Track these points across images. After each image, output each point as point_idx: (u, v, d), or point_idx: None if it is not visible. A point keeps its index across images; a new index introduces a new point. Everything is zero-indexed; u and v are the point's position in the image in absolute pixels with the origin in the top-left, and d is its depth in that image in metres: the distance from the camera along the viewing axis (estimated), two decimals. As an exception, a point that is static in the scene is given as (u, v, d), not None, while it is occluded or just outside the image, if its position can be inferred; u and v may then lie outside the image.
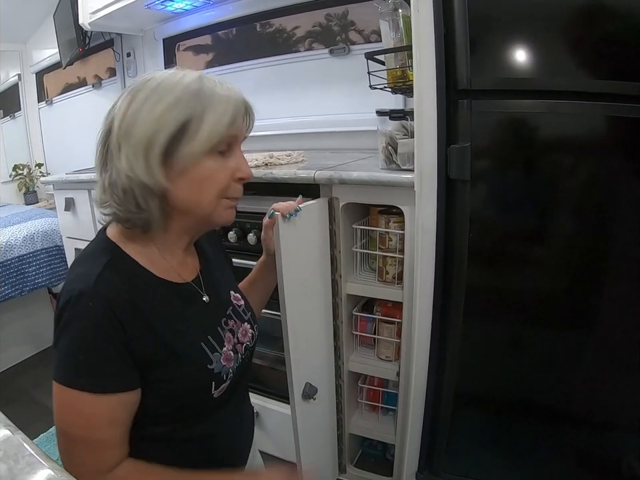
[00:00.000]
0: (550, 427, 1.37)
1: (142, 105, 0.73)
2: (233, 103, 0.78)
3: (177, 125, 0.73)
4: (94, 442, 0.73)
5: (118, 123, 0.74)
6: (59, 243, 2.80)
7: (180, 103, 0.73)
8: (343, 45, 2.20)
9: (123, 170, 0.74)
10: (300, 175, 1.45)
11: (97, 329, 0.71)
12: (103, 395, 0.72)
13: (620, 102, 1.05)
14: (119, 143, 0.74)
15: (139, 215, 0.76)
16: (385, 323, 1.56)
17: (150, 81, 0.75)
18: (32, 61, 3.85)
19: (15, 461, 0.52)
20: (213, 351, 0.86)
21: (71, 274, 0.78)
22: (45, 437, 2.24)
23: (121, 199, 0.75)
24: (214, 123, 0.75)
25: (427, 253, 1.30)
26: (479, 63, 1.13)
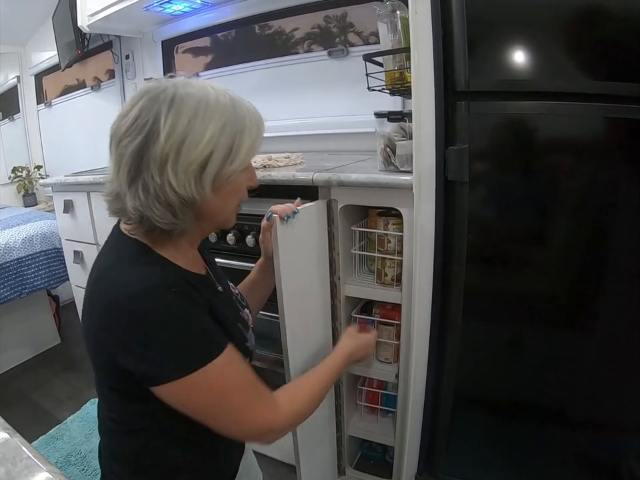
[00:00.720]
0: (549, 429, 1.37)
1: (190, 123, 0.75)
2: (261, 125, 0.85)
3: (227, 148, 0.79)
4: (256, 386, 0.85)
5: (165, 137, 0.74)
6: (57, 245, 2.79)
7: (227, 126, 0.78)
8: (342, 47, 2.20)
9: (167, 185, 0.76)
10: (298, 177, 1.45)
11: (190, 307, 0.77)
12: (226, 350, 0.80)
13: (618, 103, 1.04)
14: (164, 158, 0.75)
15: (176, 224, 0.80)
16: (383, 325, 1.55)
17: (185, 97, 0.76)
18: (31, 63, 3.86)
19: (13, 464, 0.53)
20: (247, 330, 0.98)
21: (114, 280, 0.77)
22: (43, 439, 2.24)
23: (161, 211, 0.77)
24: (250, 145, 0.82)
25: (426, 254, 1.30)
26: (477, 64, 1.13)
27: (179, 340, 0.75)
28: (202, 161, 0.76)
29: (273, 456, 1.98)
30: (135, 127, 0.75)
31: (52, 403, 2.58)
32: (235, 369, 0.81)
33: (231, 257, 1.66)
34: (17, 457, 0.54)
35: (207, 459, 0.94)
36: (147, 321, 0.73)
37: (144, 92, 0.78)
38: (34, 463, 0.53)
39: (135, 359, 0.74)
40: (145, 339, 0.73)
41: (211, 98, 0.78)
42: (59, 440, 2.23)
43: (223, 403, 0.80)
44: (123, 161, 0.76)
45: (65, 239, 2.54)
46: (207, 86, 0.80)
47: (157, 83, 0.79)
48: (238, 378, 0.82)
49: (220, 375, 0.78)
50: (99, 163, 2.85)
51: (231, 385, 0.80)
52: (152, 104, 0.76)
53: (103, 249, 0.88)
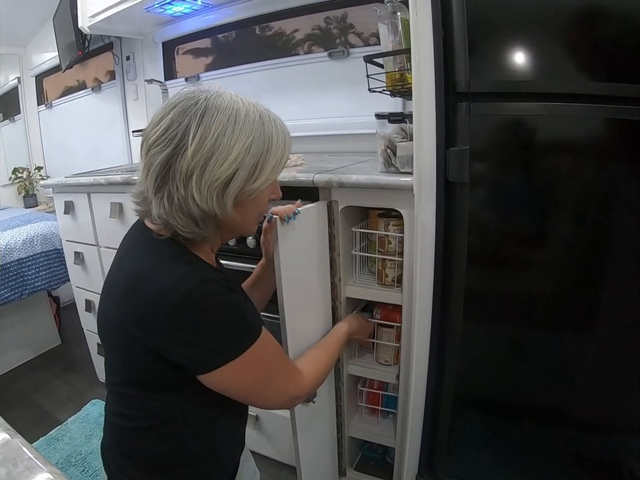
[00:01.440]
0: (550, 430, 1.36)
1: (217, 141, 0.78)
2: (287, 145, 0.89)
3: (252, 168, 0.82)
4: (285, 358, 1.00)
5: (192, 152, 0.77)
6: (58, 246, 2.80)
7: (253, 145, 0.81)
8: (342, 48, 2.20)
9: (190, 199, 0.79)
10: (299, 178, 1.45)
11: (235, 295, 0.85)
12: (263, 327, 0.89)
13: (619, 104, 1.04)
14: (190, 172, 0.78)
15: (198, 233, 0.83)
16: (384, 327, 1.55)
17: (215, 113, 0.79)
18: (31, 64, 3.86)
19: (14, 465, 0.53)
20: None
21: (161, 279, 0.79)
22: (44, 440, 2.24)
23: (184, 220, 0.81)
24: (275, 165, 0.86)
25: (426, 255, 1.30)
26: (477, 65, 1.13)
27: (233, 326, 0.82)
28: (225, 179, 0.79)
29: (273, 457, 1.98)
30: (165, 138, 0.78)
31: (52, 403, 2.58)
32: (272, 344, 0.91)
33: (232, 258, 1.66)
34: (18, 458, 0.54)
35: (213, 454, 0.97)
36: (206, 314, 0.78)
37: (177, 102, 0.81)
38: (35, 464, 0.53)
39: (190, 351, 0.80)
40: (206, 330, 0.79)
41: (240, 114, 0.80)
42: (59, 441, 2.24)
43: (270, 373, 0.91)
44: (152, 169, 0.80)
45: (66, 240, 2.54)
46: (238, 100, 0.82)
47: (191, 94, 0.81)
48: (276, 351, 0.93)
49: (265, 350, 0.87)
50: (99, 164, 2.86)
51: (273, 357, 0.91)
52: (183, 117, 0.78)
53: (135, 248, 0.90)
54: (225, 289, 0.82)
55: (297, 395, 0.99)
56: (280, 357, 0.95)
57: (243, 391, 0.89)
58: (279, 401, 0.96)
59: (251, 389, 0.89)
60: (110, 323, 0.87)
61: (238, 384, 0.87)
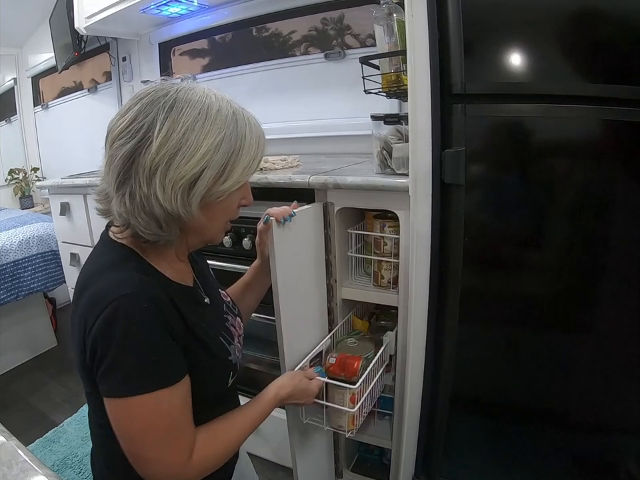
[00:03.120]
0: (547, 431, 1.36)
1: (186, 134, 0.73)
2: (261, 146, 0.83)
3: (221, 167, 0.76)
4: (178, 433, 0.78)
5: (157, 147, 0.72)
6: (54, 247, 2.79)
7: (224, 142, 0.76)
8: (339, 50, 2.21)
9: (153, 197, 0.74)
10: (295, 180, 1.45)
11: (157, 327, 0.74)
12: (177, 385, 0.76)
13: (615, 106, 1.04)
14: (154, 168, 0.73)
15: (161, 236, 0.78)
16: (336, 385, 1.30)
17: (185, 105, 0.74)
18: (28, 65, 3.86)
19: (9, 467, 0.53)
20: (229, 344, 0.94)
21: (94, 284, 0.76)
22: (40, 442, 2.23)
23: (145, 221, 0.75)
24: (247, 166, 0.80)
25: (422, 257, 1.29)
26: (473, 67, 1.13)
27: (141, 357, 0.72)
28: (192, 178, 0.74)
29: (269, 459, 1.98)
30: (130, 130, 0.73)
31: (48, 405, 2.57)
32: (169, 407, 0.76)
33: (227, 259, 1.66)
34: (13, 461, 0.54)
35: None
36: (112, 334, 0.70)
37: (146, 93, 0.76)
38: (30, 467, 0.53)
39: (93, 362, 0.73)
40: (117, 350, 0.71)
41: (212, 109, 0.76)
42: (55, 443, 2.23)
43: (148, 437, 0.75)
44: (114, 163, 0.75)
45: (62, 242, 2.54)
46: (211, 95, 0.78)
47: (161, 85, 0.77)
48: (170, 417, 0.76)
49: (154, 409, 0.74)
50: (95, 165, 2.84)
51: (161, 421, 0.75)
52: (150, 108, 0.74)
53: (91, 255, 0.86)
54: (146, 318, 0.72)
55: (174, 476, 0.79)
56: (171, 426, 0.77)
57: (119, 434, 0.76)
58: (153, 472, 0.78)
59: (125, 439, 0.76)
60: (71, 329, 0.81)
61: (114, 422, 0.76)
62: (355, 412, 1.25)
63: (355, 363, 1.27)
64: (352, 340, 1.43)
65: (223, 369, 0.91)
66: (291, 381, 1.10)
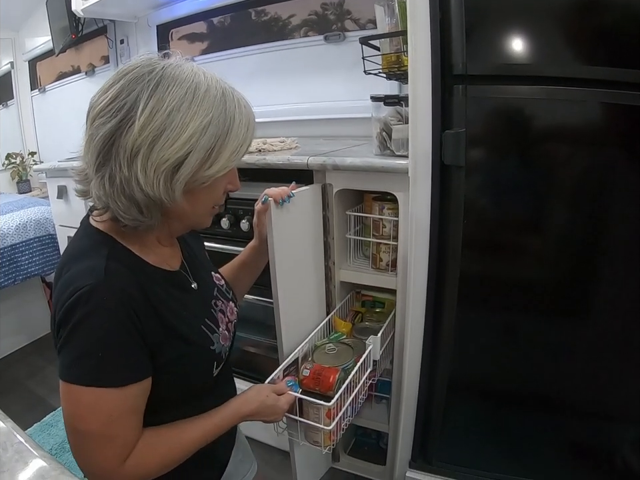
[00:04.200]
0: (544, 417, 1.37)
1: (171, 115, 0.69)
2: (251, 130, 0.78)
3: (207, 151, 0.72)
4: (114, 435, 0.73)
5: (140, 127, 0.68)
6: (51, 231, 2.78)
7: (211, 125, 0.71)
8: (338, 32, 2.19)
9: (134, 181, 0.70)
10: (293, 161, 1.44)
11: (116, 324, 0.70)
12: (125, 388, 0.71)
13: (617, 89, 1.04)
14: (136, 150, 0.68)
15: (141, 221, 0.74)
16: (310, 400, 1.16)
17: (172, 84, 0.70)
18: (25, 49, 3.82)
19: (4, 449, 0.53)
20: (213, 333, 0.89)
21: (68, 271, 0.73)
22: (38, 426, 2.25)
23: (125, 205, 0.72)
24: (235, 150, 0.75)
25: (421, 239, 1.29)
26: (475, 48, 1.12)
27: (89, 349, 0.69)
28: (176, 162, 0.70)
29: (267, 442, 1.98)
30: (111, 108, 0.69)
31: (46, 390, 2.58)
32: (109, 408, 0.71)
33: (225, 241, 1.66)
34: (8, 442, 0.54)
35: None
36: (73, 319, 0.68)
37: (130, 68, 0.71)
38: (25, 448, 0.53)
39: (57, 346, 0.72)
40: (69, 335, 0.69)
41: (200, 89, 0.71)
42: (53, 427, 2.24)
43: (79, 430, 0.71)
44: (93, 142, 0.71)
45: (59, 225, 2.53)
46: (200, 73, 0.73)
47: (147, 61, 0.72)
48: (108, 419, 0.71)
49: (91, 405, 0.70)
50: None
51: (95, 419, 0.70)
52: (134, 85, 0.69)
53: (71, 239, 0.84)
54: (103, 312, 0.69)
55: (103, 478, 0.74)
56: (106, 426, 0.71)
57: (65, 419, 0.73)
58: (82, 465, 0.74)
59: (64, 421, 0.73)
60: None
61: (63, 406, 0.72)
62: (331, 429, 1.12)
63: (330, 376, 1.14)
64: (331, 346, 1.32)
65: (205, 359, 0.87)
66: (257, 396, 0.99)
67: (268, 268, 1.18)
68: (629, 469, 1.33)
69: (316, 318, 1.45)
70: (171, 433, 0.83)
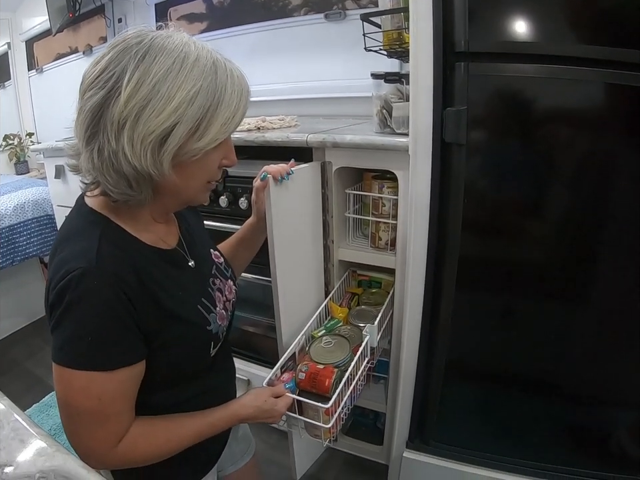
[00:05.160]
0: (540, 399, 1.37)
1: (157, 85, 0.67)
2: (243, 100, 0.76)
3: (195, 122, 0.70)
4: (105, 418, 0.73)
5: (126, 98, 0.66)
6: (49, 211, 2.78)
7: (199, 95, 0.69)
8: (339, 10, 2.17)
9: (121, 153, 0.68)
10: (292, 138, 1.43)
11: (106, 308, 0.69)
12: (115, 371, 0.72)
13: (621, 69, 1.02)
14: (122, 122, 0.67)
15: (131, 195, 0.73)
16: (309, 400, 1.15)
17: (159, 54, 0.68)
18: (21, 29, 3.78)
19: (1, 427, 0.52)
20: (209, 312, 0.88)
21: (61, 252, 0.73)
22: (37, 407, 2.27)
23: (114, 179, 0.70)
24: (225, 122, 0.73)
25: (421, 218, 1.28)
26: (477, 25, 1.10)
27: (78, 332, 0.69)
28: (162, 133, 0.68)
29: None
30: (99, 80, 0.68)
31: (45, 370, 2.59)
32: (101, 392, 0.72)
33: (224, 219, 1.65)
34: (5, 420, 0.53)
35: None
36: (65, 302, 0.68)
37: (119, 40, 0.70)
38: (21, 426, 0.53)
39: (50, 325, 0.72)
40: (60, 317, 0.69)
41: (189, 58, 0.69)
42: (52, 407, 2.26)
43: (72, 415, 0.73)
44: (82, 115, 0.70)
45: (57, 205, 2.53)
46: (190, 43, 0.71)
47: (138, 32, 0.71)
48: (95, 401, 0.71)
49: (84, 390, 0.71)
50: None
51: (85, 402, 0.71)
52: (122, 56, 0.68)
53: (65, 219, 0.83)
54: (93, 296, 0.68)
55: (94, 459, 0.75)
56: (98, 409, 0.72)
57: (58, 401, 0.74)
58: (75, 446, 0.75)
59: (58, 402, 0.74)
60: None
61: (56, 388, 0.74)
62: (329, 427, 1.11)
63: (326, 380, 1.12)
64: (327, 340, 1.30)
65: (202, 340, 0.87)
66: (255, 401, 0.99)
67: (266, 246, 1.18)
68: (623, 452, 1.33)
69: (314, 297, 1.44)
70: (167, 425, 0.84)
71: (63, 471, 0.46)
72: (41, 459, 0.48)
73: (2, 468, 0.46)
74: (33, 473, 0.46)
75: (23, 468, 0.47)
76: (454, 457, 1.48)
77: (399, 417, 1.54)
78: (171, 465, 0.86)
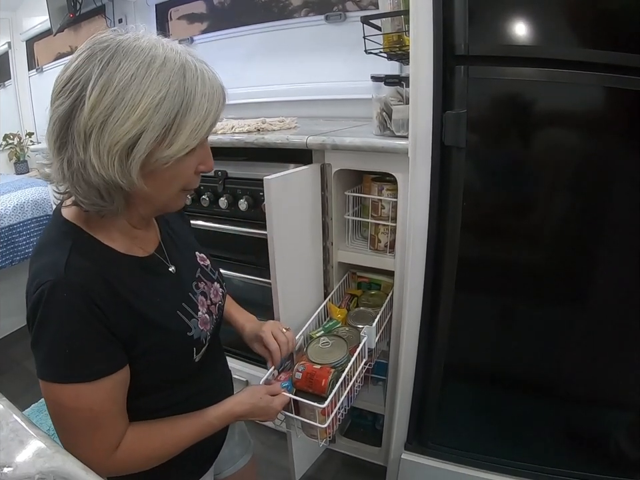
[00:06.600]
0: (538, 401, 1.37)
1: (120, 93, 0.64)
2: (215, 104, 0.73)
3: (163, 129, 0.67)
4: (99, 427, 0.73)
5: (90, 107, 0.64)
6: (49, 211, 2.78)
7: (166, 100, 0.66)
8: (339, 12, 2.17)
9: (89, 164, 0.66)
10: (292, 140, 1.43)
11: (77, 319, 0.68)
12: (99, 381, 0.71)
13: (619, 73, 1.03)
14: (88, 132, 0.65)
15: (102, 206, 0.71)
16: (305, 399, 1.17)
17: (123, 60, 0.65)
18: (22, 29, 3.77)
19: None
20: (190, 318, 0.86)
21: (34, 265, 0.72)
22: (36, 407, 2.24)
23: (85, 190, 0.69)
24: (195, 128, 0.70)
25: (420, 221, 1.28)
26: (477, 28, 1.10)
27: (55, 346, 0.68)
28: (128, 142, 0.66)
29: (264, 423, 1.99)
30: (66, 89, 0.66)
31: (45, 370, 2.58)
32: (90, 402, 0.71)
33: (223, 221, 1.65)
34: (3, 421, 0.54)
35: None
36: (41, 317, 0.68)
37: (86, 46, 0.67)
38: (20, 427, 0.53)
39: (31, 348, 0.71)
40: (36, 333, 0.69)
41: (155, 62, 0.66)
42: (51, 407, 2.24)
43: (65, 426, 0.72)
44: (51, 125, 0.68)
45: (57, 206, 2.52)
46: (159, 45, 0.68)
47: (103, 37, 0.68)
48: (86, 412, 0.71)
49: (70, 403, 0.70)
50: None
51: (75, 414, 0.71)
52: (87, 64, 0.65)
53: (42, 231, 0.81)
54: (64, 309, 0.68)
55: (94, 469, 0.68)
56: (90, 419, 0.72)
57: (50, 416, 0.73)
58: (76, 455, 0.68)
59: (50, 416, 0.73)
60: None
61: (46, 404, 0.73)
62: (325, 427, 1.12)
63: (322, 380, 1.13)
64: (325, 340, 1.30)
65: (183, 346, 0.85)
66: (251, 398, 0.99)
67: (266, 247, 1.17)
68: (622, 454, 1.33)
69: (313, 299, 1.45)
70: (163, 428, 0.84)
71: (62, 472, 0.47)
72: (40, 460, 0.48)
73: (1, 469, 0.46)
74: (32, 474, 0.46)
75: (22, 469, 0.47)
76: (452, 458, 1.48)
77: (398, 419, 1.54)
78: (166, 467, 0.85)
